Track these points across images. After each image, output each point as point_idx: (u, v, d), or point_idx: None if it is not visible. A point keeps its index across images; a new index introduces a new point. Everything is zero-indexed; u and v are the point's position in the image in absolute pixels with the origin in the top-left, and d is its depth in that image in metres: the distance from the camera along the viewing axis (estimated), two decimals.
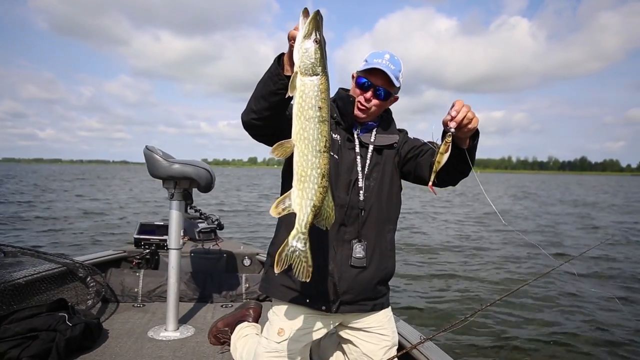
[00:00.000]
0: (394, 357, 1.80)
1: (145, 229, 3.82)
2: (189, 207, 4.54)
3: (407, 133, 1.92)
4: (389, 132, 1.84)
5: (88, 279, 2.90)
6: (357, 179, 1.75)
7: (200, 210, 4.43)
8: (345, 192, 1.72)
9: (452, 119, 1.44)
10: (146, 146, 2.49)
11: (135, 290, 3.11)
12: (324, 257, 1.71)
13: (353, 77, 1.79)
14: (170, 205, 2.51)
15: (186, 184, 2.46)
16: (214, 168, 2.59)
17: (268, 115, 1.47)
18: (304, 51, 1.24)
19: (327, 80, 1.28)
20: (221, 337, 2.29)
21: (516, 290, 2.05)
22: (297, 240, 1.31)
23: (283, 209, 1.31)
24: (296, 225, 1.31)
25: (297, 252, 1.31)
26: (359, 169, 1.75)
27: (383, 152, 1.81)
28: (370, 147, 1.79)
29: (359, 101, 1.74)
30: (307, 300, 1.75)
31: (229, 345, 2.21)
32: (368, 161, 1.77)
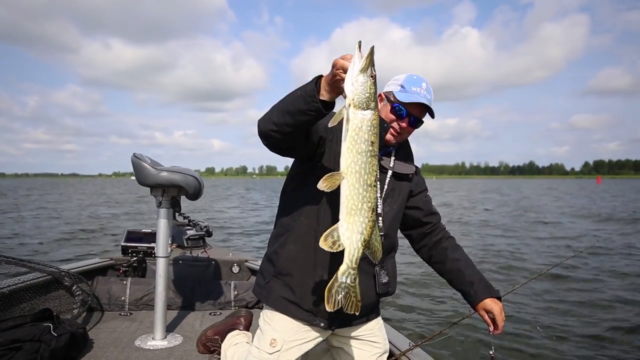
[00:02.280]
0: None
1: (132, 236, 3.78)
2: (177, 214, 4.54)
3: (419, 171, 1.96)
4: (407, 161, 1.85)
5: (74, 287, 2.86)
6: (377, 205, 1.80)
7: (189, 217, 4.40)
8: None
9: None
10: (134, 154, 2.47)
11: (122, 298, 3.08)
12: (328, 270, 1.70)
13: (382, 97, 1.78)
14: (158, 213, 2.49)
15: (174, 192, 2.45)
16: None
17: (289, 131, 1.46)
18: (360, 85, 1.25)
19: (378, 115, 1.31)
20: (211, 345, 2.27)
21: (506, 294, 2.06)
22: (346, 277, 1.32)
23: (333, 243, 1.31)
24: (345, 260, 1.32)
25: (347, 289, 1.32)
26: (378, 194, 1.76)
27: (399, 180, 1.82)
28: (389, 173, 1.79)
29: (392, 127, 1.75)
30: (308, 317, 1.74)
31: (218, 354, 2.19)
32: (386, 186, 1.79)
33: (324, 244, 1.31)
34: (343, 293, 1.32)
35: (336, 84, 1.33)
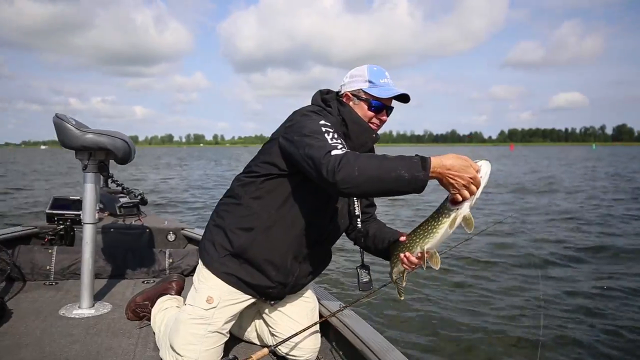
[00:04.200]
0: (313, 325, 1.87)
1: (59, 203, 3.58)
2: (110, 181, 4.33)
3: None
4: None
5: None
6: (354, 207, 1.87)
7: (122, 184, 4.22)
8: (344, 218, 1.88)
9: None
10: (56, 114, 2.32)
11: (47, 267, 2.93)
12: (298, 267, 1.79)
13: (349, 97, 1.76)
14: (84, 178, 2.37)
15: (102, 155, 2.33)
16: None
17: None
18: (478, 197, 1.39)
19: None
20: (140, 311, 2.23)
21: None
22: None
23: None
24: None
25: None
26: (356, 206, 1.85)
27: None
28: None
29: (372, 122, 1.76)
30: (253, 294, 1.79)
31: (148, 319, 2.16)
32: None
33: None
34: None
35: (454, 188, 1.35)
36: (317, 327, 1.93)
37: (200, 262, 1.82)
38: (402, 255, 1.65)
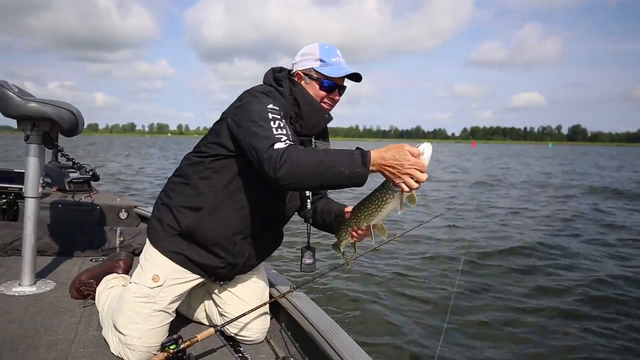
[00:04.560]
0: (262, 305, 1.87)
1: (2, 176, 3.40)
2: (59, 155, 4.14)
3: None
4: (325, 139, 1.85)
5: None
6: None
7: (73, 159, 4.04)
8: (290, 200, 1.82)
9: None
10: None
11: None
12: (248, 249, 1.78)
13: (301, 76, 1.72)
14: (26, 150, 2.24)
15: (46, 126, 2.21)
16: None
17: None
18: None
19: None
20: (85, 289, 2.15)
21: (383, 244, 2.20)
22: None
23: None
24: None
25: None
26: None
27: None
28: None
29: (325, 102, 1.72)
30: (200, 273, 1.77)
31: (93, 298, 2.10)
32: None
33: None
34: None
35: (398, 179, 1.33)
36: (266, 307, 1.93)
37: (147, 240, 1.78)
38: (349, 229, 1.68)
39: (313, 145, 1.80)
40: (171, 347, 1.57)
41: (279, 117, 1.50)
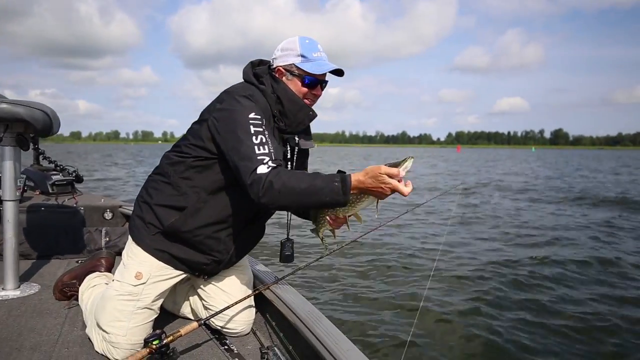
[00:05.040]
0: (247, 298, 1.87)
1: None
2: (41, 157, 4.09)
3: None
4: (307, 137, 1.84)
5: None
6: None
7: (56, 161, 4.00)
8: None
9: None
10: None
11: None
12: (233, 244, 1.78)
13: (282, 72, 1.69)
14: (1, 152, 2.21)
15: (20, 127, 2.17)
16: None
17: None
18: None
19: None
20: (68, 290, 2.13)
21: (366, 233, 2.21)
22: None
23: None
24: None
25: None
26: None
27: (301, 155, 1.82)
28: (296, 149, 1.78)
29: (307, 98, 1.70)
30: (185, 270, 1.77)
31: (76, 299, 2.08)
32: (295, 162, 1.79)
33: None
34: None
35: (376, 194, 1.44)
36: (251, 300, 1.93)
37: (130, 237, 1.77)
38: (327, 217, 1.69)
39: (296, 141, 1.78)
40: (154, 342, 1.56)
41: (261, 129, 1.51)
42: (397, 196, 1.44)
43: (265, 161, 1.44)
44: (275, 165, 1.45)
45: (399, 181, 1.39)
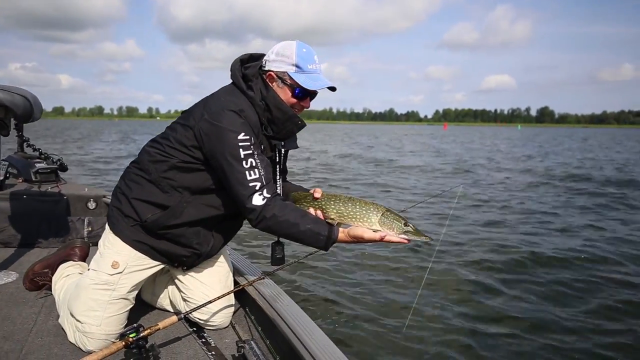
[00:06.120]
0: (229, 293, 1.85)
1: None
2: (25, 145, 4.03)
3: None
4: (293, 137, 1.81)
5: None
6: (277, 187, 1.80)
7: (40, 149, 3.95)
8: None
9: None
10: None
11: None
12: (214, 238, 1.79)
13: (273, 77, 1.65)
14: None
15: (0, 113, 2.13)
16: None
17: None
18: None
19: None
20: (39, 280, 2.09)
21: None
22: None
23: None
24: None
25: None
26: (278, 177, 1.77)
27: (286, 156, 1.82)
28: (283, 152, 1.78)
29: (295, 108, 1.68)
30: (163, 260, 1.76)
31: (49, 289, 2.04)
32: (281, 166, 1.79)
33: None
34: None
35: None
36: (231, 294, 1.91)
37: (107, 226, 1.74)
38: (312, 209, 1.67)
39: (282, 144, 1.75)
40: (131, 335, 1.53)
41: (250, 151, 1.54)
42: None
43: (257, 188, 1.53)
44: (269, 195, 1.54)
45: (383, 237, 1.57)
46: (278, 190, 1.88)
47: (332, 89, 1.70)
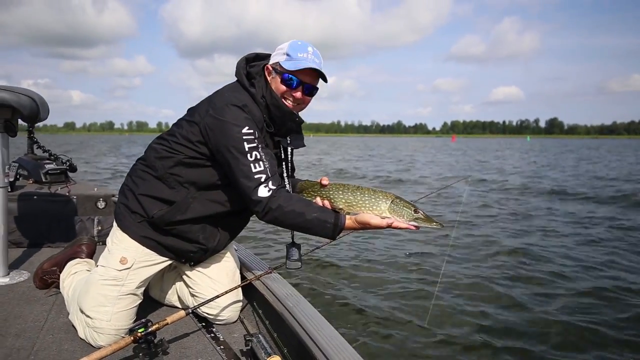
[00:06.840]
0: (237, 287, 1.85)
1: None
2: (35, 146, 4.07)
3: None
4: (299, 134, 1.81)
5: None
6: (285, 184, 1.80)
7: (49, 150, 3.98)
8: None
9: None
10: None
11: None
12: (220, 234, 1.80)
13: (269, 71, 1.67)
14: None
15: (7, 114, 2.15)
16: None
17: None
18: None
19: None
20: (48, 278, 2.11)
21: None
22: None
23: None
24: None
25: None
26: (285, 175, 1.77)
27: (293, 154, 1.82)
28: (289, 150, 1.78)
29: (286, 98, 1.67)
30: (171, 257, 1.77)
31: (57, 287, 2.06)
32: (290, 163, 1.80)
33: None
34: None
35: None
36: (239, 289, 1.91)
37: (115, 223, 1.76)
38: (319, 199, 1.67)
39: (288, 142, 1.76)
40: (139, 330, 1.54)
41: (254, 144, 1.55)
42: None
43: (263, 180, 1.52)
44: (274, 187, 1.54)
45: (390, 224, 1.55)
46: (287, 188, 1.88)
47: (324, 78, 1.70)
